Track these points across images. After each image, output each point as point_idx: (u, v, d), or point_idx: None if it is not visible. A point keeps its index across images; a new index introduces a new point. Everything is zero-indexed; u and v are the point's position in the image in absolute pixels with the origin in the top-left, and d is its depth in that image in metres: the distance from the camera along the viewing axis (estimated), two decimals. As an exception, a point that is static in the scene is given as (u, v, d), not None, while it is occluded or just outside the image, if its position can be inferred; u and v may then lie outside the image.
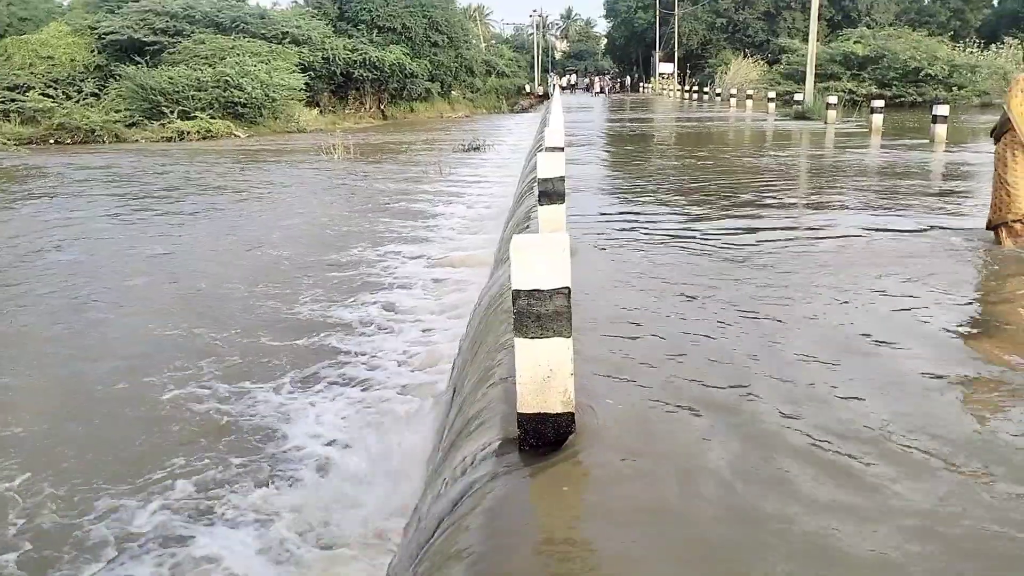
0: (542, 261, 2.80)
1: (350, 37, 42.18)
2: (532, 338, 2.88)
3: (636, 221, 7.92)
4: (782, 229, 7.20)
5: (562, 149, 8.76)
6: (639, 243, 6.66)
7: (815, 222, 7.54)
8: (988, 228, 6.14)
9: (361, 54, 40.65)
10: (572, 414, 2.98)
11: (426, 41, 46.16)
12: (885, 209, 8.22)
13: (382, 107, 44.08)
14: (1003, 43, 37.78)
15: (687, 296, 4.96)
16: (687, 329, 4.33)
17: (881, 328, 4.19)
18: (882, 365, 3.69)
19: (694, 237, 6.84)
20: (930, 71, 32.45)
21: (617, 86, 74.60)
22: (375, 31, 43.55)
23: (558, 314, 2.85)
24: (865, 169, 12.13)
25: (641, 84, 71.59)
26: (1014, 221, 5.86)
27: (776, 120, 25.61)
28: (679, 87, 55.55)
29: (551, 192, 5.92)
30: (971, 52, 37.05)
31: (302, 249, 11.27)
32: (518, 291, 2.84)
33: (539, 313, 2.85)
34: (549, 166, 5.92)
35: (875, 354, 3.84)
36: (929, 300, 4.76)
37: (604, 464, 2.82)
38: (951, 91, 31.55)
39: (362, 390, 6.32)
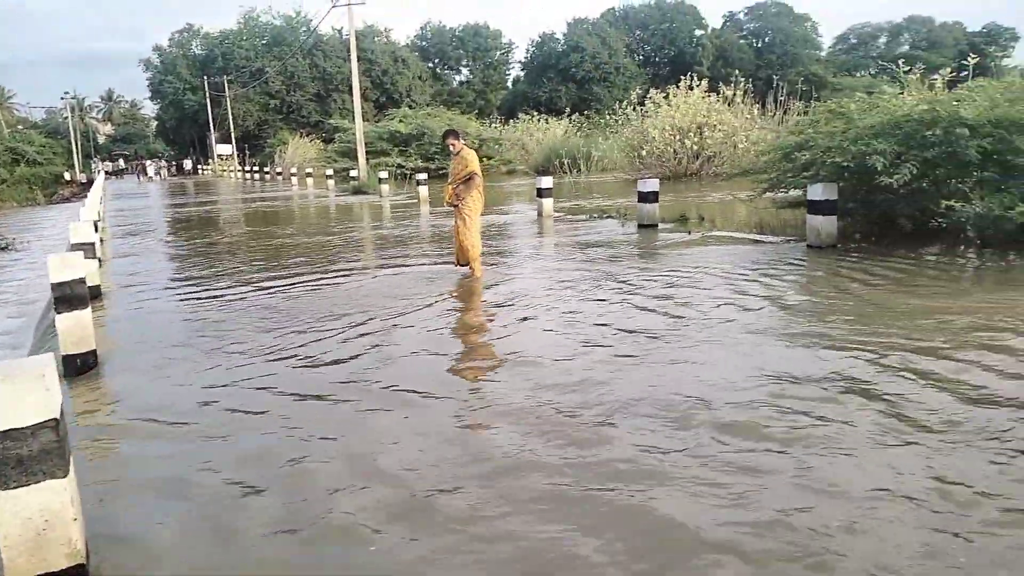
0: (16, 394, 2.35)
1: None
2: (15, 488, 2.39)
3: (197, 304, 7.40)
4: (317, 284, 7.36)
5: (92, 244, 7.91)
6: (195, 330, 6.20)
7: (370, 274, 7.89)
8: (460, 265, 8.48)
9: None
10: (83, 566, 2.54)
11: (-79, 128, 38.77)
12: (421, 259, 8.97)
13: None
14: (518, 118, 44.35)
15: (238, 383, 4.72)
16: (235, 427, 4.09)
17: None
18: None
19: (269, 315, 6.60)
20: (463, 145, 36.73)
21: (174, 169, 70.66)
22: None
23: (47, 452, 2.41)
24: (418, 235, 13.10)
25: (200, 166, 68.90)
26: (476, 257, 8.27)
27: (336, 195, 26.55)
28: (240, 168, 54.70)
29: (70, 297, 5.20)
30: (495, 127, 42.82)
31: None
32: (-13, 435, 2.34)
33: (20, 456, 2.38)
34: (64, 267, 5.20)
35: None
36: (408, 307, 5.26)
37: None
38: (481, 161, 35.86)
39: None
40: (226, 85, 59.41)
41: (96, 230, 10.35)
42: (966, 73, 12.28)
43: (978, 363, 4.45)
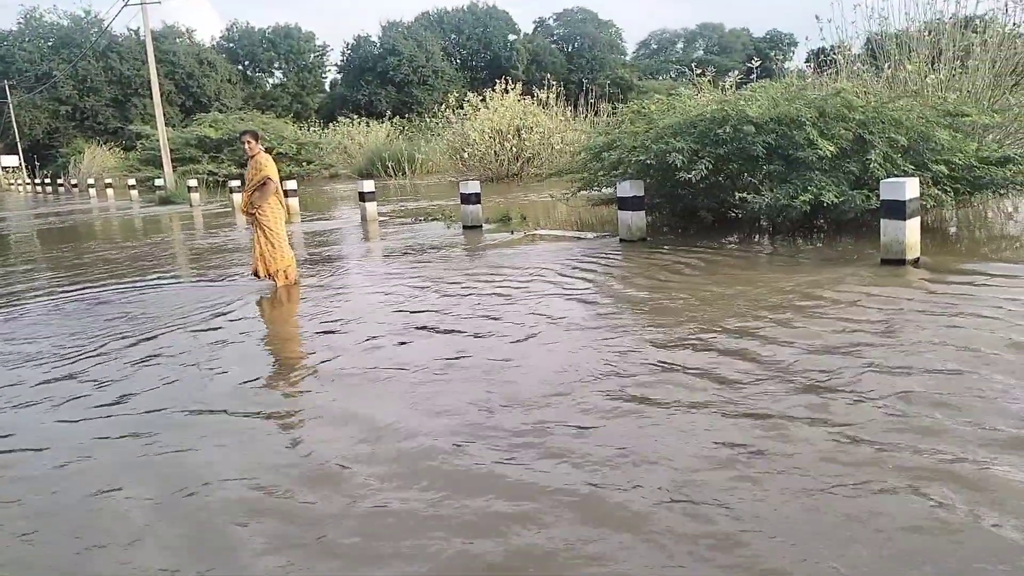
0: None
1: None
2: None
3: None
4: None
5: None
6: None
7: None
8: (259, 277, 7.96)
9: None
10: None
11: None
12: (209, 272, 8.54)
13: None
14: (338, 122, 43.36)
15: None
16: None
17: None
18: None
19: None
20: (280, 150, 35.17)
21: None
22: None
23: None
24: (230, 244, 12.43)
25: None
26: (286, 267, 7.91)
27: (142, 207, 24.79)
28: (29, 180, 49.91)
29: None
30: (314, 131, 41.65)
31: None
32: None
33: None
34: None
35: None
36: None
37: None
38: (302, 166, 34.84)
39: None
40: (8, 91, 53.76)
41: None
42: (754, 75, 13.33)
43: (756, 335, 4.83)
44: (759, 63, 13.34)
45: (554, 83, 24.48)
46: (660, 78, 74.23)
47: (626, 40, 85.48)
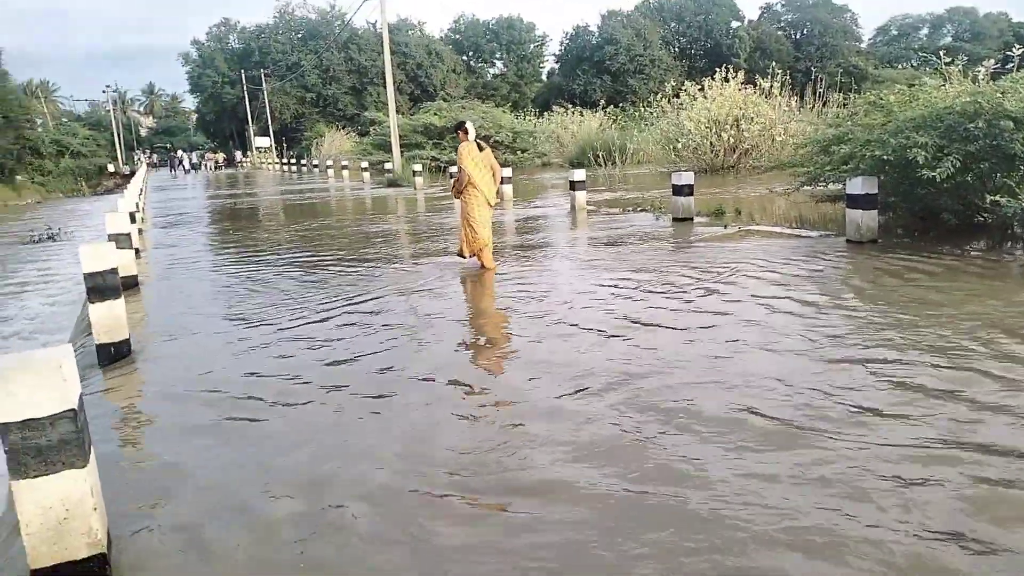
0: (33, 385, 2.35)
1: None
2: (35, 477, 2.40)
3: (239, 298, 7.48)
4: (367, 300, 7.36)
5: (127, 235, 8.03)
6: (231, 331, 6.24)
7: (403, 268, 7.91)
8: (463, 256, 8.66)
9: None
10: (104, 555, 2.54)
11: (-28, 121, 39.66)
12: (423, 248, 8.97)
13: (-82, 199, 36.58)
14: (552, 111, 44.11)
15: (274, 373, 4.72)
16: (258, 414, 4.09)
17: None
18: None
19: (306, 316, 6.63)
20: (497, 138, 36.32)
21: (221, 161, 69.70)
22: None
23: (65, 443, 2.41)
24: (446, 227, 13.07)
25: (239, 159, 69.64)
26: (480, 249, 8.42)
27: (372, 188, 26.71)
28: (277, 160, 55.36)
29: (103, 287, 5.27)
30: (529, 119, 42.58)
31: None
32: (6, 425, 2.34)
33: (39, 446, 2.38)
34: (96, 257, 5.26)
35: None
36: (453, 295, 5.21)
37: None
38: (516, 154, 35.73)
39: None
40: (263, 79, 60.02)
41: (134, 221, 10.53)
42: (1011, 65, 11.86)
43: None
44: (1020, 51, 11.82)
45: (779, 71, 23.23)
46: (900, 66, 68.24)
47: (862, 26, 79.28)
